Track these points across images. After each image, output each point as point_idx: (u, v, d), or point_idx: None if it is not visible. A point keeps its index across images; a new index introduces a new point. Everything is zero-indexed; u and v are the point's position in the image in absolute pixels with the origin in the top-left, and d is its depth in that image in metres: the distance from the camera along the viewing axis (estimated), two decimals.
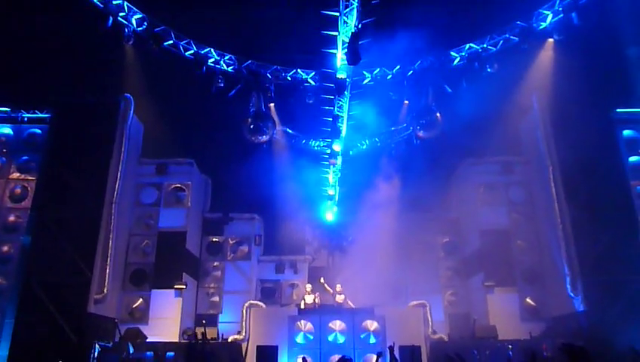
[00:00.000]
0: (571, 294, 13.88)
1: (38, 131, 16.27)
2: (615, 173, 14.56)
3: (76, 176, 14.66)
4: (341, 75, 13.62)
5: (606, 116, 15.27)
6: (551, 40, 14.65)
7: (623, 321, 12.68)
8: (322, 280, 17.12)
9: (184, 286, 16.42)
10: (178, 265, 16.63)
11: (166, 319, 15.97)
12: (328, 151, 17.53)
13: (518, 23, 14.57)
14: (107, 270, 14.30)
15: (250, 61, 15.56)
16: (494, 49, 14.88)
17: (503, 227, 17.12)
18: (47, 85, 15.60)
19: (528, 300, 16.28)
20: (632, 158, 15.43)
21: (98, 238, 14.23)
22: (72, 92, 15.72)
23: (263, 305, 17.02)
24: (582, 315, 13.59)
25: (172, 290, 16.26)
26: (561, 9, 13.78)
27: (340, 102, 14.93)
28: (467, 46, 15.12)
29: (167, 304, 16.17)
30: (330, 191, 19.35)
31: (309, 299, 16.09)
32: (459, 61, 15.24)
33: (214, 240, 19.01)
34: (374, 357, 9.56)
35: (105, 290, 14.13)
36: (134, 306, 16.11)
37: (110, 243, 14.57)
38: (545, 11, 14.17)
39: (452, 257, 19.31)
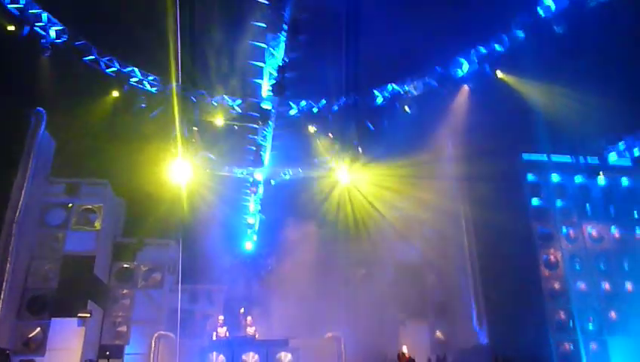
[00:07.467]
0: (477, 328, 14.54)
1: None
2: (520, 215, 15.58)
3: None
4: (266, 106, 13.73)
5: (513, 161, 16.41)
6: (466, 87, 15.60)
7: (523, 353, 13.43)
8: (242, 310, 16.64)
9: (88, 315, 15.36)
10: (83, 291, 15.59)
11: (66, 350, 14.85)
12: (251, 179, 17.45)
13: (437, 68, 15.42)
14: (1, 296, 13.13)
15: (174, 84, 15.26)
16: (414, 92, 15.61)
17: (417, 262, 17.71)
18: None
19: (438, 333, 16.82)
20: (535, 201, 16.58)
21: None
22: None
23: (174, 336, 16.29)
24: (485, 347, 14.24)
25: (75, 319, 15.16)
26: (475, 60, 14.76)
27: (264, 132, 14.99)
28: (390, 87, 15.77)
29: (69, 333, 15.05)
30: (251, 220, 19.16)
31: (222, 331, 15.61)
32: (381, 100, 15.83)
33: (125, 266, 18.08)
34: None
35: None
36: (30, 336, 14.83)
37: (7, 267, 13.44)
38: (461, 59, 15.11)
39: (368, 289, 19.58)
